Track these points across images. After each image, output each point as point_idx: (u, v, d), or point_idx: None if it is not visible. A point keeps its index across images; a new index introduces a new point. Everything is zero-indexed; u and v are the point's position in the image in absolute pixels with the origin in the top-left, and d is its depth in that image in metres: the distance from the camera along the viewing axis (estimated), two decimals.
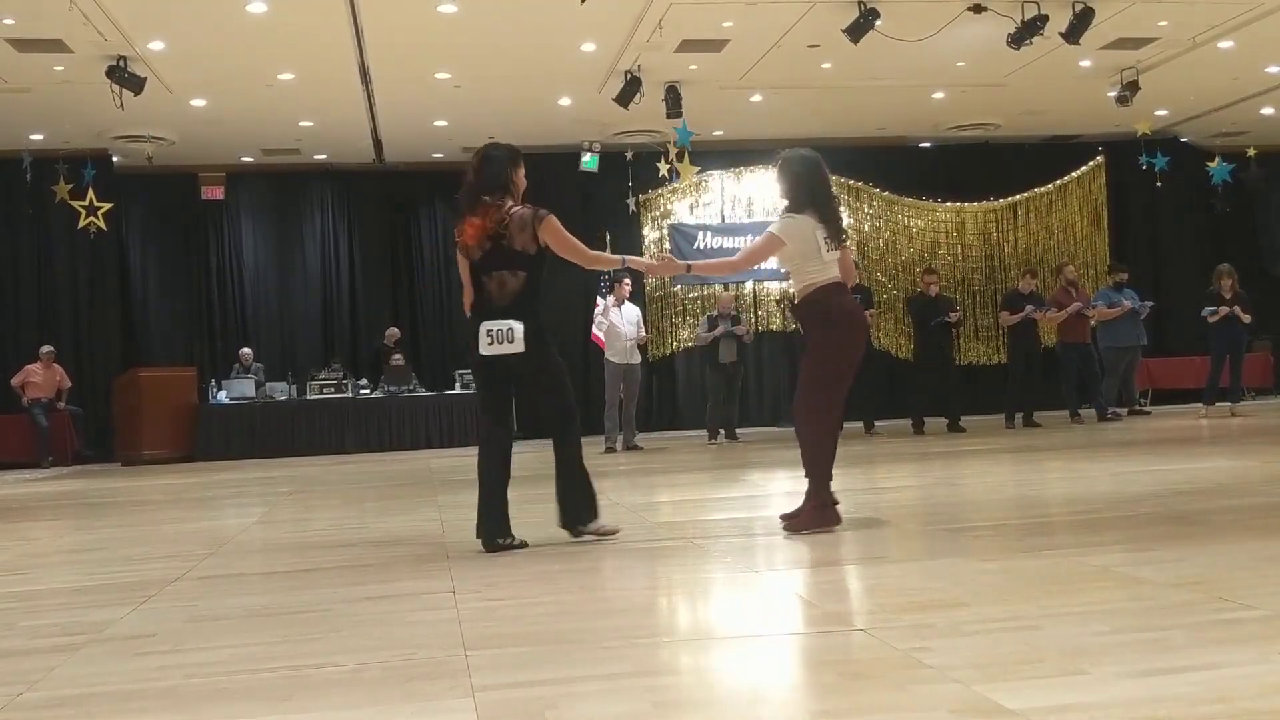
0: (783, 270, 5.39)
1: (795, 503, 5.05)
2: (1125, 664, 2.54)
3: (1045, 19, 10.50)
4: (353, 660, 2.93)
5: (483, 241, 4.75)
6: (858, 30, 10.49)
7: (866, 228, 16.05)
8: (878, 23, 10.46)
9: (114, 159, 14.78)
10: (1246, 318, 12.33)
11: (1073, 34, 10.74)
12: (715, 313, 13.12)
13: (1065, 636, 2.83)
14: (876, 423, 12.92)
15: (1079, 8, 10.58)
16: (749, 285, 16.02)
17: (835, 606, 3.50)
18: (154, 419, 13.59)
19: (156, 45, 10.90)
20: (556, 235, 4.81)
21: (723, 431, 12.71)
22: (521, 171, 5.02)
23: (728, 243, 15.79)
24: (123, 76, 11.03)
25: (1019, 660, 2.62)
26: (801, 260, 5.00)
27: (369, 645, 3.11)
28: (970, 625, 3.01)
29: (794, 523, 4.91)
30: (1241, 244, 16.80)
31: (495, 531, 4.77)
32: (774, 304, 15.90)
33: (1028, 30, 10.62)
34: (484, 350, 4.73)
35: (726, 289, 15.13)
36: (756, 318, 15.92)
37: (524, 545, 4.77)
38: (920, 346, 13.18)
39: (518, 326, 4.71)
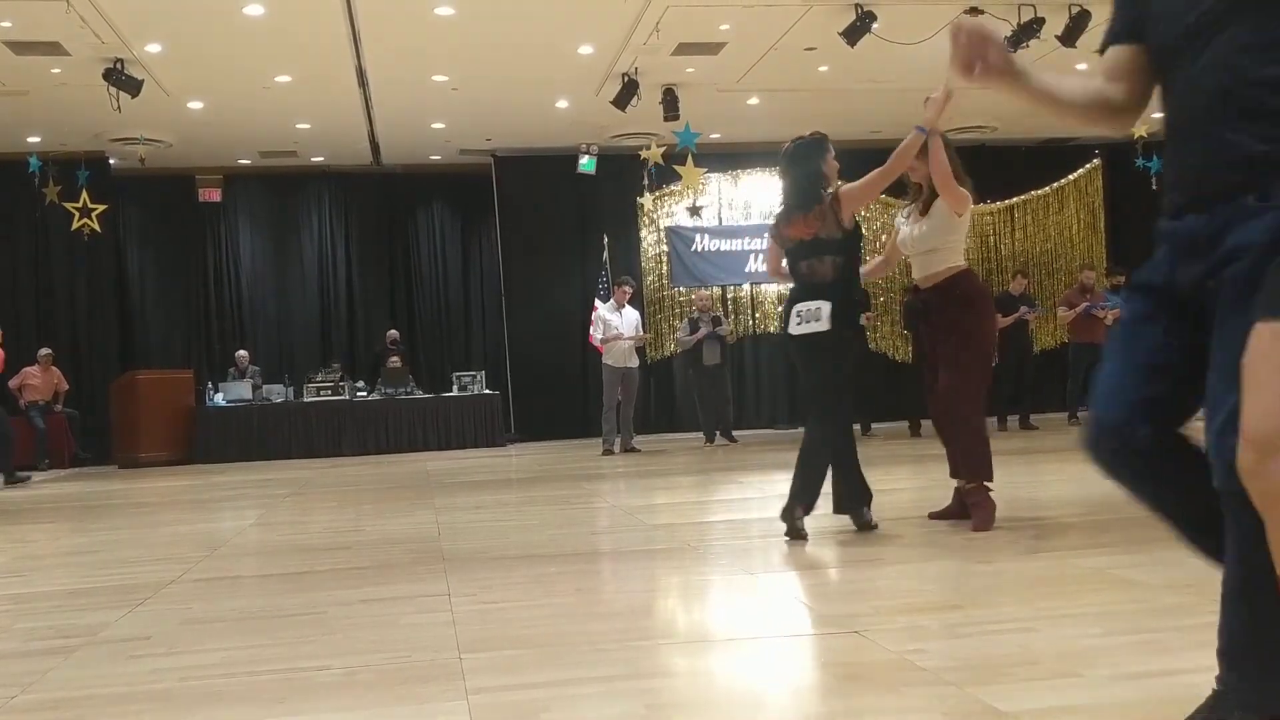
0: (917, 250, 5.24)
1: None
2: (1119, 666, 2.55)
3: (1042, 22, 10.51)
4: (347, 663, 2.93)
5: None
6: (854, 33, 10.49)
7: (864, 230, 16.02)
8: (874, 25, 10.46)
9: (111, 161, 14.77)
10: None
11: (1069, 37, 10.75)
12: (695, 314, 13.06)
13: (1059, 639, 2.83)
14: (873, 425, 12.94)
15: (1075, 11, 10.59)
16: (745, 287, 16.01)
17: (831, 608, 3.50)
18: (151, 422, 13.58)
19: (154, 48, 10.90)
20: (851, 194, 5.04)
21: (719, 433, 12.71)
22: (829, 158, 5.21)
23: (725, 245, 15.83)
24: (120, 79, 11.02)
25: (1013, 662, 2.62)
26: (958, 239, 5.09)
27: (363, 648, 3.11)
28: (964, 627, 3.01)
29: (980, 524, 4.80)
30: None
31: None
32: (770, 305, 15.89)
33: (1024, 33, 10.63)
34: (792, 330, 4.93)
35: (706, 289, 14.94)
36: (754, 319, 15.93)
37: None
38: (917, 348, 13.18)
39: (825, 306, 4.88)
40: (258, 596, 4.12)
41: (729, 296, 15.93)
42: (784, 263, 5.19)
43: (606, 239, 14.88)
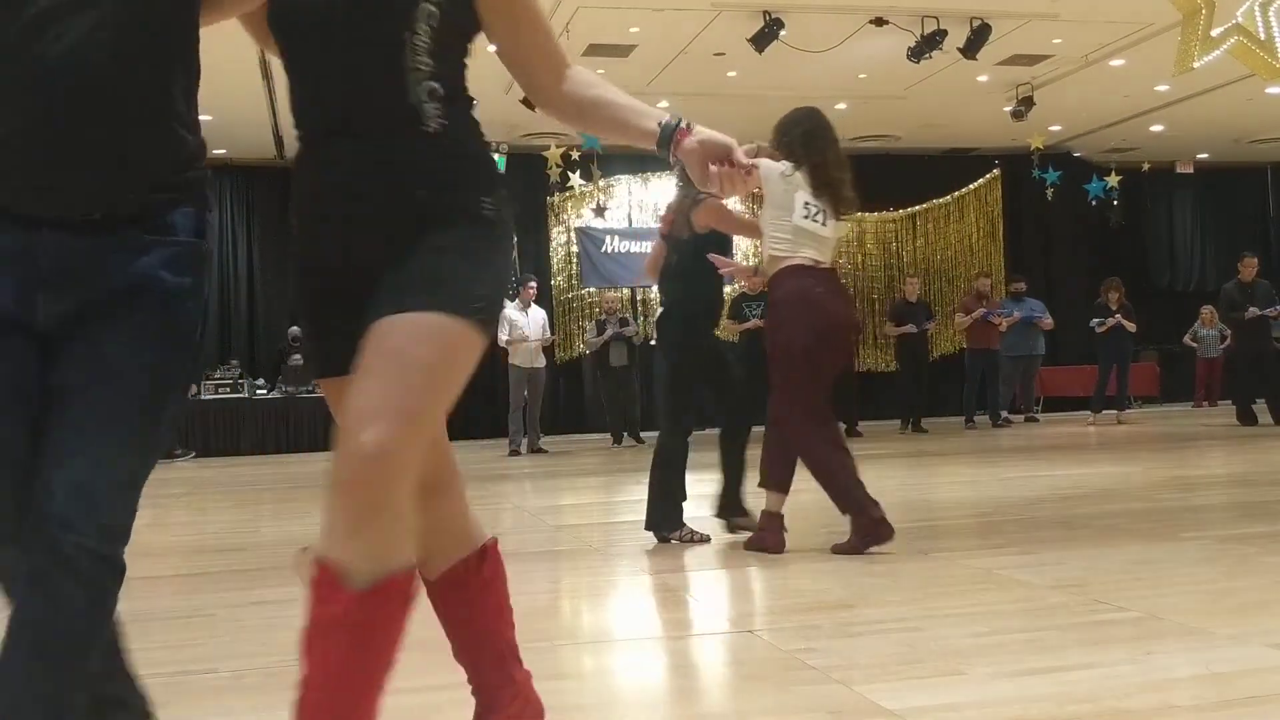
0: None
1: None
2: (1000, 664, 2.61)
3: (944, 34, 10.75)
4: (234, 666, 2.88)
5: None
6: (762, 40, 10.61)
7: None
8: (782, 33, 10.58)
9: None
10: (1131, 327, 12.77)
11: (970, 49, 11.00)
12: (603, 316, 13.09)
13: (945, 637, 2.89)
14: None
15: (976, 24, 10.84)
16: (655, 289, 16.04)
17: (727, 608, 3.53)
18: None
19: None
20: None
21: (627, 434, 12.74)
22: None
23: (634, 247, 15.83)
24: None
25: (899, 661, 2.68)
26: (771, 218, 4.37)
27: (251, 650, 3.05)
28: (855, 626, 3.07)
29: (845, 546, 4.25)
30: (1130, 257, 17.37)
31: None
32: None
33: (927, 45, 10.85)
34: None
35: (615, 290, 14.96)
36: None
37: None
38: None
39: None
40: (145, 598, 4.01)
41: (638, 298, 15.96)
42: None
43: (516, 239, 14.79)
